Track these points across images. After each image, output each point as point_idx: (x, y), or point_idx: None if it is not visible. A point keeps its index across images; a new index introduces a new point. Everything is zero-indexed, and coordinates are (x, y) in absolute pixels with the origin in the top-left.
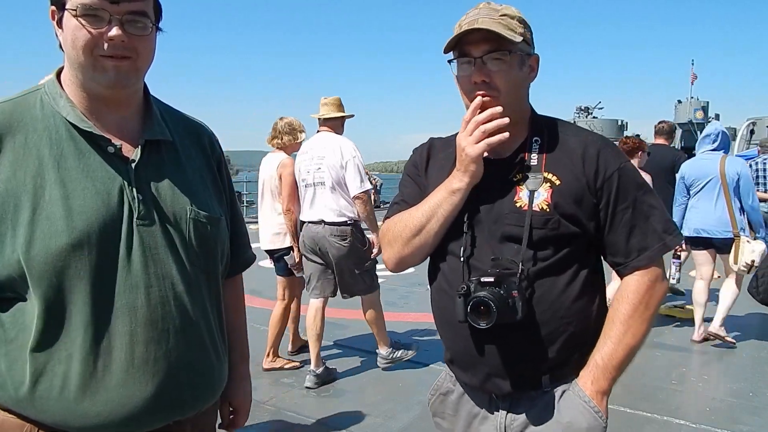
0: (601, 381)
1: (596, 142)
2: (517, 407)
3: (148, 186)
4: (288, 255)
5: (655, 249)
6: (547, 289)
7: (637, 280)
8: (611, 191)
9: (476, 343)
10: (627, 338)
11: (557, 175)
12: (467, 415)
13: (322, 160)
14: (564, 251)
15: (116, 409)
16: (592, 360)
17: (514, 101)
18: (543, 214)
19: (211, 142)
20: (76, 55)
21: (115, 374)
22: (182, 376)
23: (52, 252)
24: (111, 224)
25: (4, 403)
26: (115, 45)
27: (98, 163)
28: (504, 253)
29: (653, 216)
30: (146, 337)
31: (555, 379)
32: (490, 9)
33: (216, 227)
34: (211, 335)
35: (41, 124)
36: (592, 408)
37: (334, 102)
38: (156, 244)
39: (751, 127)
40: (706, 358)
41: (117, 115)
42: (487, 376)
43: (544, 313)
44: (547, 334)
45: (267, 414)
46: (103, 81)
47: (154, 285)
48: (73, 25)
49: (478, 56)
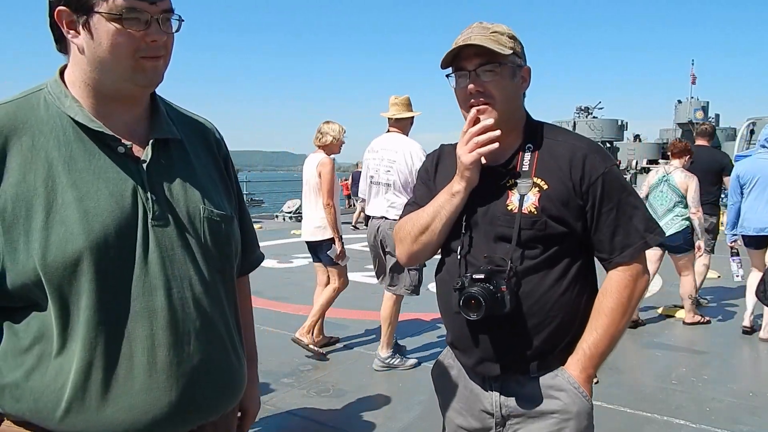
0: (589, 368)
1: (583, 148)
2: (507, 389)
3: (160, 186)
4: (330, 247)
5: (636, 246)
6: (536, 284)
7: (619, 275)
8: (596, 194)
9: (470, 331)
10: (611, 329)
11: (545, 180)
12: (464, 389)
13: (392, 164)
14: (553, 249)
15: (140, 416)
16: (580, 349)
17: (508, 109)
18: (531, 216)
19: (217, 140)
20: (116, 60)
21: (138, 379)
22: (205, 379)
23: (69, 256)
24: (126, 226)
25: (23, 415)
26: (157, 46)
27: (109, 164)
28: (497, 251)
29: (636, 216)
30: (167, 340)
31: (542, 366)
32: (482, 27)
33: (229, 226)
34: (230, 336)
35: (47, 125)
36: (581, 393)
37: (404, 102)
38: (172, 244)
39: (751, 127)
40: (706, 358)
41: (128, 114)
42: (479, 360)
43: (532, 306)
44: (534, 326)
45: (267, 414)
46: (142, 81)
47: (173, 287)
48: (112, 29)
49: (471, 69)
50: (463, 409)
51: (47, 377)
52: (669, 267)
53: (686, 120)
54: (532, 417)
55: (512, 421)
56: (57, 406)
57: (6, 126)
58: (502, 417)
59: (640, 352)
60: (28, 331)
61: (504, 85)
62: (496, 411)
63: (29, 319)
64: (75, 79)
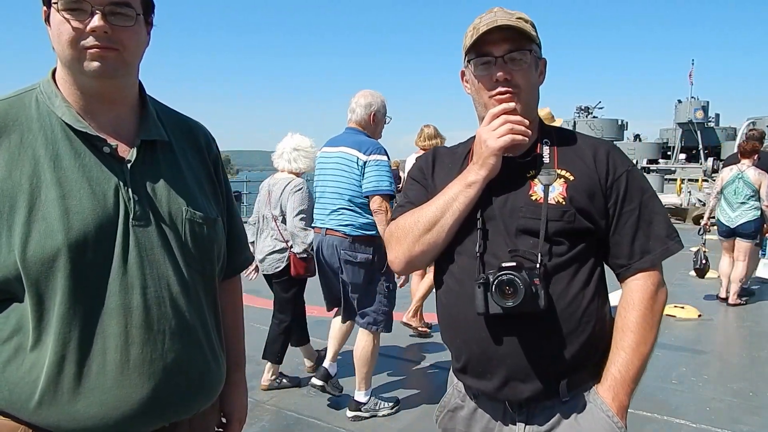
0: (621, 395)
1: (605, 144)
2: (534, 418)
3: (143, 186)
4: None
5: (657, 253)
6: (565, 285)
7: (640, 285)
8: (620, 191)
9: (494, 340)
10: (641, 347)
11: (570, 171)
12: (482, 430)
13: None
14: (579, 247)
15: (110, 412)
16: (609, 373)
17: (531, 101)
18: (559, 206)
19: (207, 142)
20: (62, 50)
21: (110, 376)
22: (178, 378)
23: (47, 252)
24: (107, 225)
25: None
26: (98, 36)
27: (94, 164)
28: (520, 246)
29: (657, 221)
30: (141, 338)
31: (572, 385)
32: (506, 12)
33: (212, 228)
34: (207, 337)
35: (36, 123)
36: (615, 423)
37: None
38: (152, 244)
39: (751, 126)
40: (706, 358)
41: (112, 113)
42: (504, 381)
43: (564, 310)
44: (568, 333)
45: (267, 414)
46: (90, 72)
47: (150, 286)
48: (58, 19)
49: (499, 55)
50: None
51: (22, 369)
52: (669, 267)
53: (686, 120)
54: None
55: None
56: (30, 398)
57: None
58: None
59: None
60: (7, 324)
61: (530, 75)
62: None
63: (9, 312)
64: (59, 78)
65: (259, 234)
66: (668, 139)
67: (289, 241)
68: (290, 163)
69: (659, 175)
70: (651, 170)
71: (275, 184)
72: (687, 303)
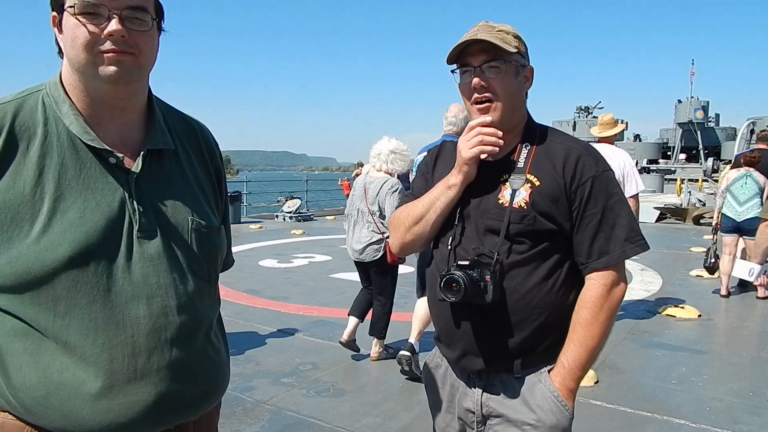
0: (568, 381)
1: (578, 149)
2: (491, 387)
3: (149, 197)
4: None
5: (614, 255)
6: (522, 280)
7: (595, 284)
8: (583, 195)
9: (455, 321)
10: (588, 341)
11: (538, 177)
12: (451, 387)
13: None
14: (541, 246)
15: (117, 419)
16: (560, 362)
17: (510, 107)
18: (521, 210)
19: (210, 148)
20: (76, 55)
21: (117, 385)
22: (185, 385)
23: (48, 265)
24: (111, 237)
25: (3, 406)
26: (115, 40)
27: (99, 174)
28: (486, 244)
29: (618, 225)
30: (148, 347)
31: (526, 365)
32: (488, 26)
33: (217, 236)
34: (212, 342)
35: (42, 129)
36: (560, 402)
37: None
38: (158, 255)
39: (752, 126)
40: (706, 358)
41: (120, 120)
42: (462, 353)
43: (517, 302)
44: (518, 322)
45: (267, 414)
46: (105, 77)
47: (156, 296)
48: (72, 23)
49: (476, 65)
50: (449, 407)
51: (28, 375)
52: (669, 267)
53: (686, 120)
54: (510, 422)
55: (492, 421)
56: (37, 402)
57: (6, 126)
58: (482, 416)
59: (640, 352)
60: (12, 331)
61: (507, 83)
62: (477, 409)
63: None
64: (66, 82)
65: (353, 225)
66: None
67: (385, 233)
68: (387, 164)
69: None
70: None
71: (372, 182)
72: (687, 303)
